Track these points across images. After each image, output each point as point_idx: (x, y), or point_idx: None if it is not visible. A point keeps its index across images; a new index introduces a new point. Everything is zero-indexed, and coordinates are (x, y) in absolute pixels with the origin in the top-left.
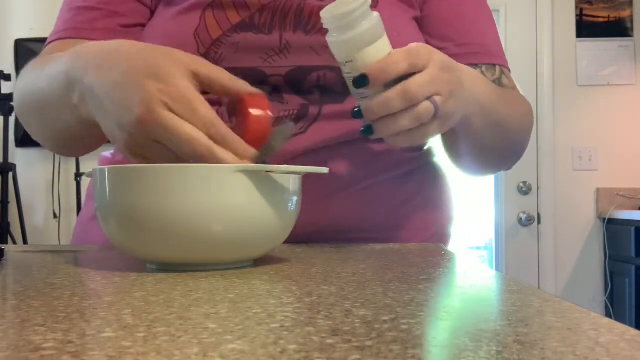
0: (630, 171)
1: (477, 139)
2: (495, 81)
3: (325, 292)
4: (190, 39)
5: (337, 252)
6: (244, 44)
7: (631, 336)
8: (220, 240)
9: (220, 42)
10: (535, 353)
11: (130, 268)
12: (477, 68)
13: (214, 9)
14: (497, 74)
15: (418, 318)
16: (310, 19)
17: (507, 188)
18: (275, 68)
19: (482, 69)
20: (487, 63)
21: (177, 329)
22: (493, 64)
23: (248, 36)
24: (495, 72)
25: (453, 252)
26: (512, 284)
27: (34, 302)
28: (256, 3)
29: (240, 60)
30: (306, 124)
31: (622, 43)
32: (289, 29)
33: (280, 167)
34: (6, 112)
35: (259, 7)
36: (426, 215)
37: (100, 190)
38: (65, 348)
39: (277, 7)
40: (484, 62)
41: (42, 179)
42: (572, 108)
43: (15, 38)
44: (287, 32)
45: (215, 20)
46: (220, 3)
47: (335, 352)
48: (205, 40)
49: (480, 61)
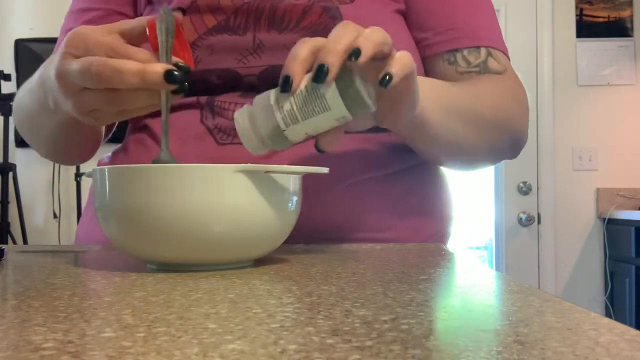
0: (630, 171)
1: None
2: (480, 64)
3: (325, 292)
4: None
5: (337, 252)
6: (219, 45)
7: (631, 336)
8: (220, 240)
9: (196, 45)
10: (535, 353)
11: (130, 268)
12: (458, 53)
13: (191, 13)
14: (481, 56)
15: (418, 318)
16: (284, 18)
17: (507, 188)
18: (249, 68)
19: (464, 53)
20: (468, 46)
21: (177, 329)
22: (477, 47)
23: (223, 38)
24: (480, 55)
25: (453, 252)
26: (512, 284)
27: (34, 302)
28: (230, 6)
29: (215, 62)
30: None
31: (622, 43)
32: (262, 29)
33: (280, 167)
34: (6, 112)
35: (234, 10)
36: (423, 215)
37: (100, 190)
38: (65, 348)
39: (250, 8)
40: (464, 45)
41: (42, 179)
42: (572, 108)
43: (15, 38)
44: (261, 32)
45: (192, 24)
46: (197, 8)
47: (335, 352)
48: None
49: (460, 45)
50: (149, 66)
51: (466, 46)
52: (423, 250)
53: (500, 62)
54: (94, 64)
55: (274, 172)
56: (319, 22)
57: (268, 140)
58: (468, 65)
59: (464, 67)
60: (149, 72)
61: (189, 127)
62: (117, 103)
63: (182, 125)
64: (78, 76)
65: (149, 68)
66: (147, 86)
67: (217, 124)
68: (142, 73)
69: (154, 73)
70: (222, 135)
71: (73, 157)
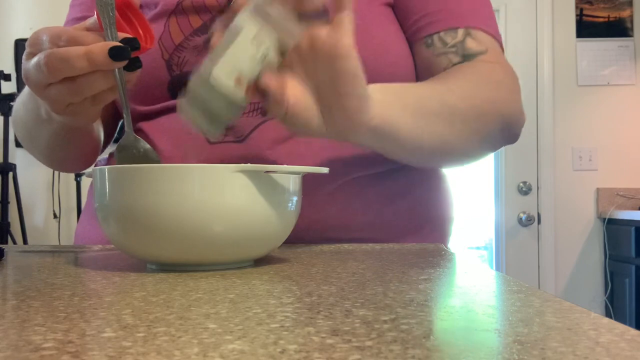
0: (630, 171)
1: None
2: (457, 45)
3: (325, 292)
4: (155, 46)
5: (337, 252)
6: (205, 46)
7: (631, 336)
8: (220, 240)
9: (182, 46)
10: (535, 353)
11: (130, 268)
12: (435, 35)
13: (177, 15)
14: (458, 36)
15: (418, 318)
16: None
17: (507, 188)
18: None
19: (440, 34)
20: (445, 28)
21: (177, 329)
22: (455, 27)
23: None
24: (457, 35)
25: (453, 252)
26: (512, 284)
27: (34, 302)
28: (216, 6)
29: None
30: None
31: (622, 43)
32: None
33: (280, 167)
34: (6, 112)
35: (219, 10)
36: (419, 215)
37: (100, 190)
38: (65, 348)
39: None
40: (439, 29)
41: (42, 179)
42: (572, 108)
43: (15, 38)
44: None
45: (178, 26)
46: (182, 9)
47: (335, 352)
48: (169, 46)
49: (434, 30)
50: (93, 47)
51: (443, 28)
52: (423, 250)
53: (480, 42)
54: (43, 57)
55: (274, 172)
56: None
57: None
58: (444, 46)
59: (440, 47)
60: (94, 51)
61: (179, 128)
62: (79, 91)
63: (172, 126)
64: (35, 73)
65: (94, 48)
66: (96, 67)
67: None
68: (87, 54)
69: (97, 53)
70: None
71: (72, 165)
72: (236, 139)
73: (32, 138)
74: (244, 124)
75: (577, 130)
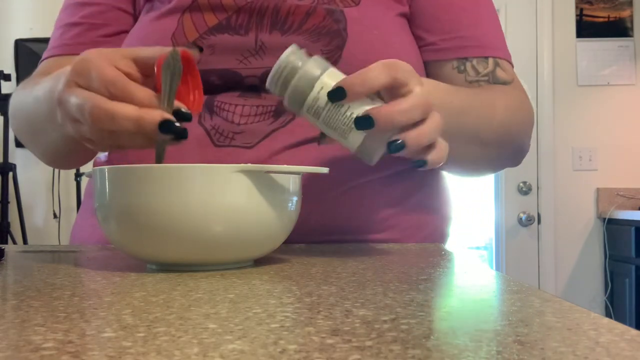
0: (630, 171)
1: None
2: (488, 74)
3: (325, 292)
4: (167, 42)
5: (337, 252)
6: (220, 45)
7: (631, 336)
8: (220, 240)
9: (195, 44)
10: (535, 353)
11: (130, 268)
12: (468, 62)
13: (192, 12)
14: (489, 66)
15: (418, 318)
16: (287, 19)
17: (507, 188)
18: (250, 69)
19: (473, 62)
20: (477, 56)
21: (177, 329)
22: (485, 57)
23: (224, 38)
24: (488, 65)
25: (452, 252)
26: (512, 284)
27: (34, 302)
28: (232, 5)
29: (216, 62)
30: (287, 119)
31: (622, 43)
32: (265, 30)
33: (280, 167)
34: (6, 112)
35: (236, 9)
36: (420, 216)
37: (100, 190)
38: (65, 348)
39: (253, 8)
40: (474, 55)
41: (42, 179)
42: (572, 108)
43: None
44: (263, 33)
45: (192, 23)
46: (197, 6)
47: (335, 352)
48: (182, 42)
49: (469, 54)
50: (146, 114)
51: (475, 55)
52: (423, 250)
53: (507, 73)
54: (89, 105)
55: (274, 172)
56: (322, 24)
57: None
58: (477, 75)
59: (473, 76)
60: (145, 119)
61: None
62: (116, 142)
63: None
64: (75, 111)
65: (145, 116)
66: (142, 133)
67: (214, 125)
68: (138, 120)
69: (150, 122)
70: (220, 137)
71: (72, 163)
72: (245, 144)
73: (37, 133)
74: (256, 130)
75: (577, 130)
